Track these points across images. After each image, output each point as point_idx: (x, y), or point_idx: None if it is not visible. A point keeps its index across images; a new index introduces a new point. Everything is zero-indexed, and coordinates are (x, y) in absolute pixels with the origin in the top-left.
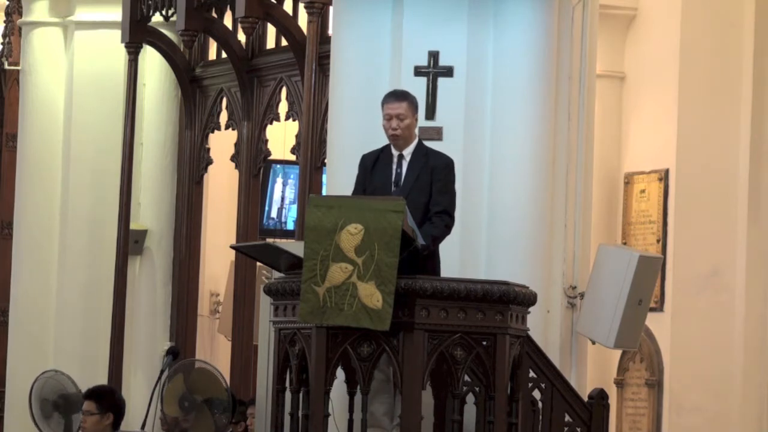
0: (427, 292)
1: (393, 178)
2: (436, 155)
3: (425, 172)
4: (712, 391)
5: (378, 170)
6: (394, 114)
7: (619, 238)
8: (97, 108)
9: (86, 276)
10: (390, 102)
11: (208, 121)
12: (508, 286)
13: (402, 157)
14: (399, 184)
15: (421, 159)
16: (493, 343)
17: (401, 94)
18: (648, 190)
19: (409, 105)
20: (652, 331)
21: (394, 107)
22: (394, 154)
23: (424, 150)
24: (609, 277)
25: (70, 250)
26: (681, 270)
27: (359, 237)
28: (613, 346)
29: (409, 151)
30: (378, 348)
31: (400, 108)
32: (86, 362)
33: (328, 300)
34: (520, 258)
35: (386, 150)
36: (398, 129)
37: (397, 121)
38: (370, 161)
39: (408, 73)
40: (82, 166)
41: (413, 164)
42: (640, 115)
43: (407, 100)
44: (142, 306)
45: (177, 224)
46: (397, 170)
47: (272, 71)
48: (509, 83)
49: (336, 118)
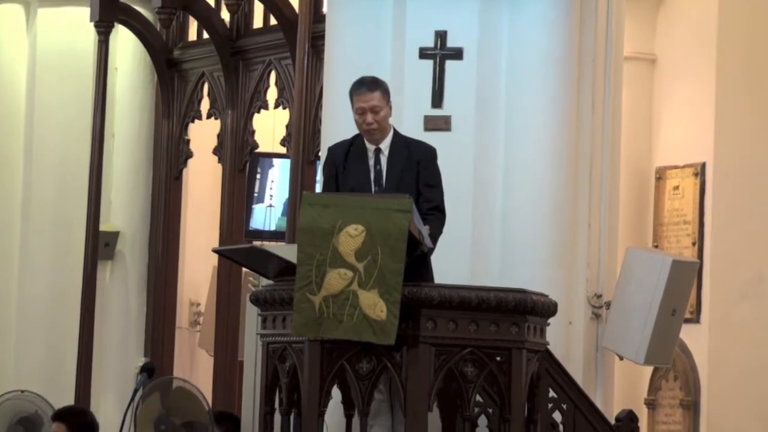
0: (434, 302)
1: (372, 176)
2: (419, 146)
3: (409, 166)
4: (754, 413)
5: (351, 167)
6: (368, 107)
7: (649, 241)
8: (62, 95)
9: (50, 284)
10: (361, 93)
11: (187, 109)
12: (525, 295)
13: (379, 152)
14: (381, 184)
15: (402, 152)
16: (508, 359)
17: (372, 82)
18: (682, 187)
19: (382, 94)
20: (687, 345)
21: (366, 98)
22: (370, 149)
23: (404, 141)
24: (638, 284)
25: (31, 254)
26: (720, 276)
27: (360, 239)
28: (644, 363)
29: (386, 144)
30: (379, 364)
31: (374, 99)
32: (50, 381)
33: (325, 310)
34: (538, 263)
35: (358, 142)
36: (374, 123)
37: (372, 115)
38: (340, 155)
39: (412, 55)
40: (46, 159)
41: (394, 159)
42: (673, 102)
43: (380, 88)
44: (113, 317)
45: (153, 225)
46: (376, 167)
47: (260, 53)
48: (526, 67)
49: (331, 106)
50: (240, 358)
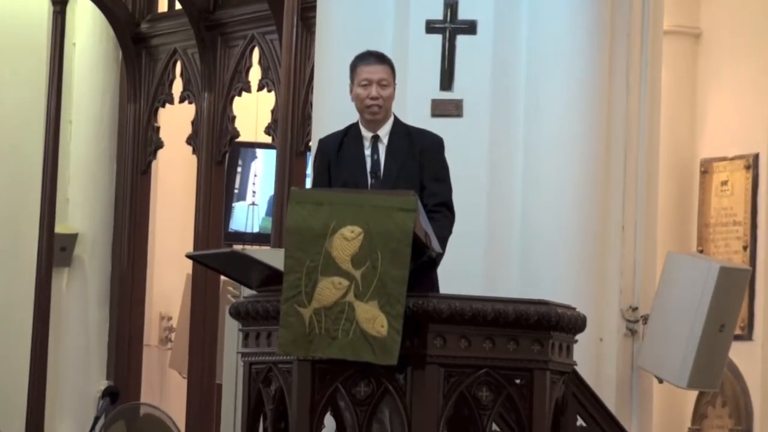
0: (443, 315)
1: (369, 167)
2: (423, 135)
3: (411, 157)
4: None
5: (345, 158)
6: (376, 79)
7: (693, 245)
8: (12, 74)
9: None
10: (369, 63)
11: (157, 91)
12: (549, 307)
13: (378, 140)
14: (378, 176)
15: (403, 141)
16: (529, 382)
17: (381, 55)
18: (732, 182)
19: (390, 69)
20: (737, 366)
21: (374, 70)
22: (366, 137)
23: (405, 129)
24: (681, 295)
25: None
26: None
27: (357, 243)
28: (687, 386)
29: (385, 131)
30: (378, 388)
31: (383, 71)
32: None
33: (316, 325)
34: (563, 270)
35: (353, 132)
36: (380, 98)
37: (378, 89)
38: (332, 148)
39: (418, 29)
40: None
41: (394, 148)
42: (720, 83)
43: (388, 63)
44: (70, 333)
45: (116, 227)
46: (374, 157)
47: (241, 27)
48: (549, 43)
49: (324, 89)
50: (218, 380)
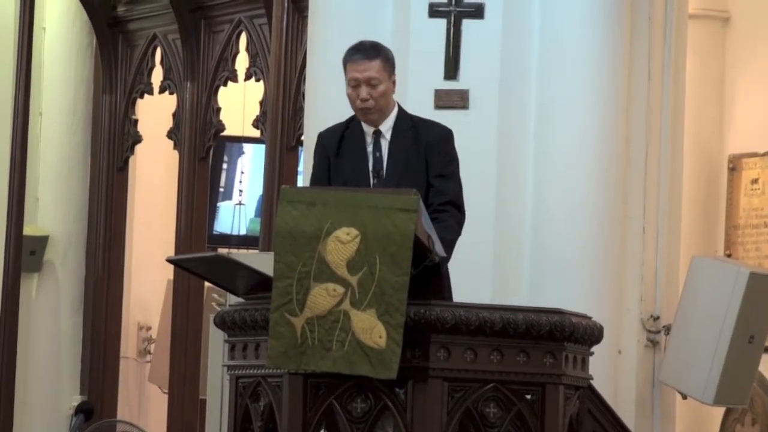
0: (447, 325)
1: (371, 165)
2: (429, 126)
3: (416, 152)
4: None
5: (346, 155)
6: (363, 78)
7: (721, 249)
8: None
9: None
10: (356, 60)
11: (135, 81)
12: (563, 316)
13: (380, 135)
14: (381, 174)
15: (408, 135)
16: (541, 397)
17: (372, 48)
18: (762, 180)
19: (383, 63)
20: None
21: (362, 67)
22: (367, 132)
23: (410, 121)
24: (707, 303)
25: None
26: None
27: (353, 246)
28: (713, 402)
29: (388, 125)
30: (377, 404)
31: (371, 69)
32: None
33: (308, 336)
34: (578, 276)
35: (354, 125)
36: (369, 99)
37: (367, 89)
38: (332, 142)
39: (420, 13)
40: None
41: (397, 143)
42: (750, 73)
43: (380, 56)
44: (40, 344)
45: (91, 228)
46: (376, 153)
47: (227, 10)
48: (563, 28)
49: (317, 78)
50: (201, 396)
